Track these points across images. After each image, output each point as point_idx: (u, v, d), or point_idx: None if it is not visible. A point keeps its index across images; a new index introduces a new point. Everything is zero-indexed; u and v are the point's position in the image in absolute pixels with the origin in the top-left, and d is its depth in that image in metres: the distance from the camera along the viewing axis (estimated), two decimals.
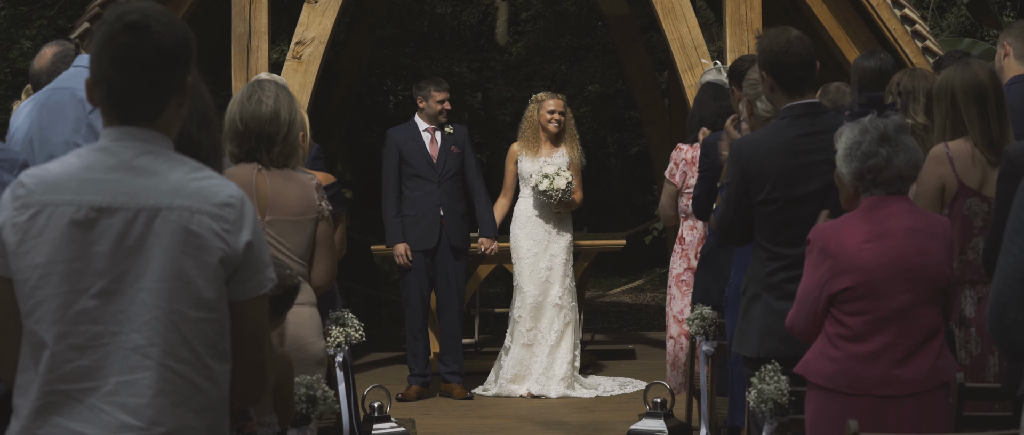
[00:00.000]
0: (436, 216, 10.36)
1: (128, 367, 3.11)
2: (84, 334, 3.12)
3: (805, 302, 4.80)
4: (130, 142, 3.19)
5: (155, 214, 3.13)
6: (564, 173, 10.33)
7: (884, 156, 4.72)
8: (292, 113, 5.49)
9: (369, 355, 12.49)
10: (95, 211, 3.13)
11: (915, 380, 4.72)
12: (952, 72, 5.67)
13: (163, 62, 3.17)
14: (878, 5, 10.04)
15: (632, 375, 11.20)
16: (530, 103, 10.70)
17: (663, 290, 17.94)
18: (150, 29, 3.15)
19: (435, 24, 18.54)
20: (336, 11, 9.93)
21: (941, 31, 17.41)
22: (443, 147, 10.47)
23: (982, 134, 5.59)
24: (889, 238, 4.72)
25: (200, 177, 3.19)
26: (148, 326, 3.11)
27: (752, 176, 5.42)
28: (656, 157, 14.23)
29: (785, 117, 5.48)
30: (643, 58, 14.38)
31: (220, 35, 11.46)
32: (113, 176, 3.16)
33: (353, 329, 6.49)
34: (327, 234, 5.53)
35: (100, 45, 3.17)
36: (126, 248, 3.12)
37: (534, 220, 10.50)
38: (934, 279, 4.76)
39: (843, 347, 4.74)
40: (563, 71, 21.28)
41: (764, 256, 5.44)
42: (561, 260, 10.47)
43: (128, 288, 3.12)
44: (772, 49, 5.47)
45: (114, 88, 3.17)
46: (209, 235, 3.14)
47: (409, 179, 10.42)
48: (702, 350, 7.22)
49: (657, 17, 10.03)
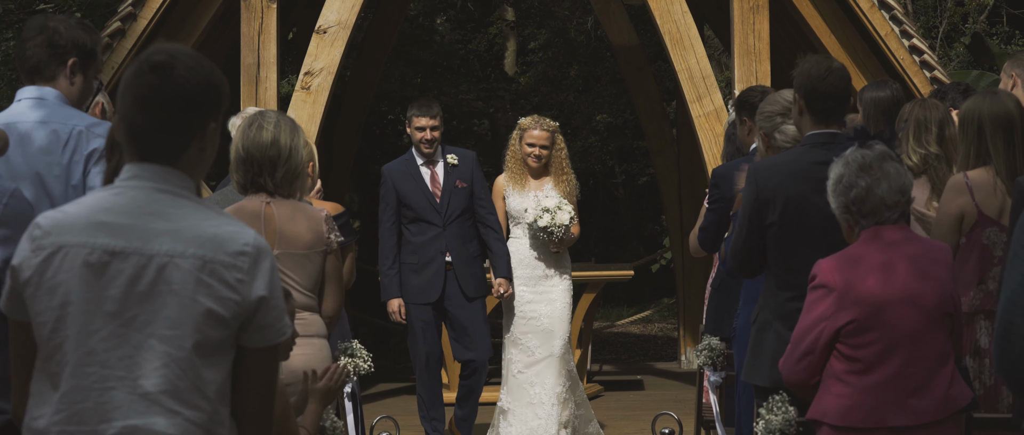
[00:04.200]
0: (441, 264, 9.05)
1: (136, 412, 3.09)
2: (90, 376, 3.11)
3: (801, 341, 4.78)
4: (148, 182, 3.18)
5: (168, 260, 3.12)
6: (566, 206, 9.27)
7: (864, 187, 4.75)
8: (293, 139, 5.51)
9: (378, 385, 12.48)
10: (108, 254, 3.12)
11: (929, 409, 4.70)
12: (980, 101, 5.69)
13: (184, 104, 3.17)
14: (886, 35, 10.04)
15: (640, 406, 11.17)
16: (515, 130, 9.60)
17: (671, 320, 17.91)
18: (174, 71, 3.16)
19: (443, 54, 18.58)
20: (345, 42, 9.95)
21: (949, 61, 17.41)
22: (446, 183, 9.14)
23: (1007, 164, 5.61)
24: (893, 267, 4.73)
25: (215, 223, 3.18)
26: (157, 372, 3.10)
27: (765, 197, 5.44)
28: (664, 187, 14.23)
29: (806, 143, 5.52)
30: (651, 88, 14.39)
31: (229, 66, 11.48)
32: (127, 219, 3.15)
33: (362, 360, 6.49)
34: (336, 267, 5.56)
35: (126, 83, 3.19)
36: (137, 293, 3.11)
37: (530, 262, 9.41)
38: (941, 304, 4.76)
39: (854, 382, 4.72)
40: (571, 101, 21.29)
41: (775, 284, 5.45)
42: (561, 305, 9.41)
43: (137, 333, 3.11)
44: (811, 74, 5.50)
45: (134, 126, 3.18)
46: (220, 285, 3.12)
47: (411, 222, 9.12)
48: (710, 381, 7.20)
49: (665, 47, 10.04)
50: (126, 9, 9.86)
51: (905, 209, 4.86)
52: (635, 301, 19.88)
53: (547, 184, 9.43)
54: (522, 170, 9.44)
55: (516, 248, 9.40)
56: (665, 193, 14.19)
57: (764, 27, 9.84)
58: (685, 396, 11.28)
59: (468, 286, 9.08)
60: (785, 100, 6.06)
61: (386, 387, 12.47)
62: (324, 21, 9.93)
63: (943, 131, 6.02)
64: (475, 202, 9.18)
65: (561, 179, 9.47)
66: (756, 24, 9.85)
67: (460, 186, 9.13)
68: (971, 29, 17.78)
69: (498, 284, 9.20)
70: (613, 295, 19.42)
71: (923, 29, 17.82)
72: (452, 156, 9.20)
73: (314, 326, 5.44)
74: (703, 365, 7.22)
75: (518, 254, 9.39)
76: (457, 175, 9.16)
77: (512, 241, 9.43)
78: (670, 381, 13.01)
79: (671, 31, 9.97)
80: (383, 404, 11.48)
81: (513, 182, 9.44)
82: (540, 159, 9.38)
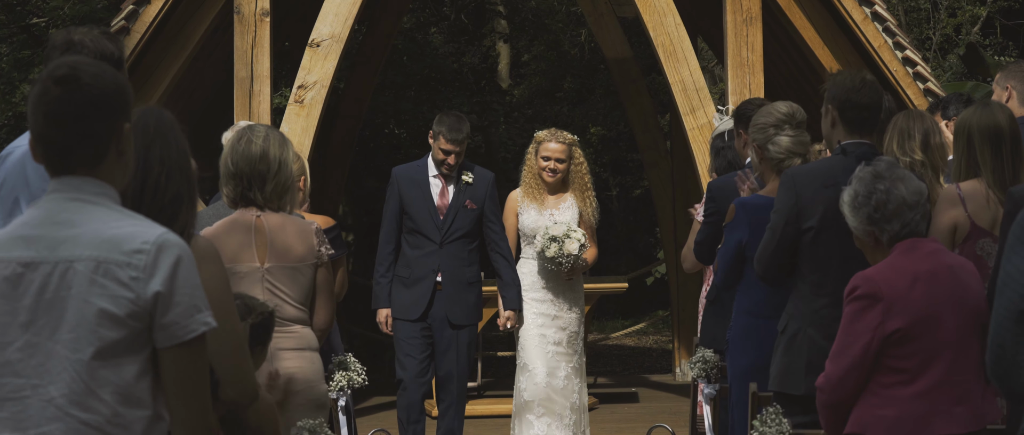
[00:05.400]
0: (430, 283, 8.54)
1: (44, 419, 3.13)
2: (5, 387, 3.16)
3: (848, 352, 4.70)
4: (63, 192, 3.22)
5: (69, 266, 3.15)
6: (575, 234, 8.72)
7: (883, 190, 4.76)
8: (283, 152, 5.51)
9: (371, 399, 12.46)
10: (22, 266, 3.17)
11: (971, 419, 4.69)
12: (970, 113, 5.73)
13: (96, 113, 3.20)
14: (880, 47, 10.05)
15: (634, 418, 11.16)
16: (531, 143, 9.15)
17: (665, 332, 17.90)
18: (80, 81, 3.19)
19: (437, 67, 18.58)
20: (338, 55, 9.94)
21: (943, 72, 17.43)
22: (455, 201, 8.61)
23: (995, 175, 5.62)
24: (937, 276, 4.72)
25: (118, 225, 3.19)
26: (60, 378, 3.13)
27: (805, 202, 5.51)
28: (658, 199, 14.23)
29: (843, 152, 5.60)
30: (645, 100, 14.40)
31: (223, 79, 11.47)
32: (39, 230, 3.19)
33: (355, 373, 6.49)
34: (327, 279, 5.56)
35: (34, 103, 3.21)
36: (45, 301, 3.15)
37: (540, 288, 8.89)
38: (979, 313, 4.75)
39: (898, 393, 4.66)
40: (565, 113, 21.31)
41: (809, 291, 5.50)
42: (570, 334, 8.93)
43: (47, 341, 3.15)
44: (845, 85, 5.62)
45: (51, 142, 3.22)
46: (113, 284, 3.14)
47: (409, 234, 8.63)
48: (704, 393, 7.19)
49: (659, 59, 10.04)
50: (119, 23, 9.85)
51: (926, 212, 4.86)
52: (630, 313, 19.88)
53: (565, 201, 8.94)
54: (538, 185, 8.94)
55: (526, 270, 8.91)
56: (659, 205, 14.19)
57: (757, 39, 9.85)
58: (680, 408, 11.27)
59: (454, 312, 8.54)
60: (778, 112, 6.08)
61: (380, 400, 12.45)
62: (317, 34, 9.93)
63: (928, 139, 6.06)
64: (486, 226, 8.66)
65: (582, 196, 8.98)
66: (749, 36, 9.85)
67: (470, 207, 8.61)
68: (965, 40, 17.81)
69: (505, 317, 8.74)
70: (608, 308, 19.43)
71: (916, 40, 17.85)
72: (468, 175, 8.65)
73: (305, 339, 5.45)
74: (697, 377, 7.21)
75: (529, 276, 8.89)
76: (469, 194, 8.63)
77: (522, 262, 8.95)
78: (664, 393, 13.00)
79: (664, 43, 9.97)
80: (377, 417, 11.46)
81: (529, 198, 8.94)
82: (556, 174, 8.90)
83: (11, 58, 13.85)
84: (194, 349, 3.21)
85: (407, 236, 8.61)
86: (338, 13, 9.93)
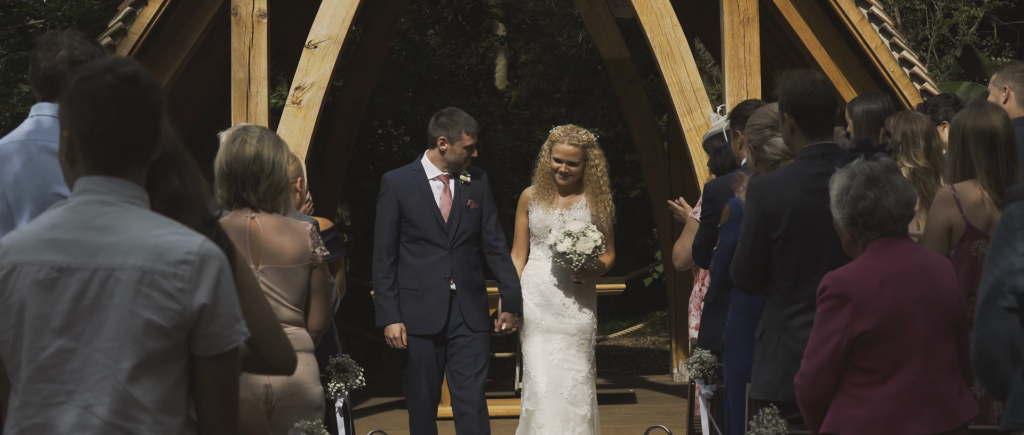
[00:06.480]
0: (445, 291, 8.11)
1: (79, 426, 3.11)
2: (41, 392, 3.13)
3: (816, 354, 4.72)
4: (96, 194, 3.19)
5: (110, 274, 3.12)
6: (593, 234, 8.26)
7: (872, 199, 4.72)
8: (277, 153, 5.51)
9: (369, 400, 12.46)
10: (56, 271, 3.14)
11: (943, 419, 4.69)
12: (965, 114, 5.74)
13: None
14: (876, 48, 10.06)
15: (632, 419, 11.16)
16: (546, 141, 8.59)
17: (663, 333, 17.91)
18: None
19: (434, 68, 18.58)
20: (335, 56, 9.94)
21: (940, 73, 17.44)
22: (457, 202, 8.20)
23: (990, 176, 5.63)
24: (907, 277, 4.70)
25: (159, 234, 3.17)
26: (98, 386, 3.11)
27: (770, 212, 5.44)
28: (655, 200, 14.22)
29: (804, 157, 5.52)
30: (642, 102, 14.40)
31: (219, 80, 11.47)
32: (74, 235, 3.16)
33: (353, 374, 6.48)
34: (322, 281, 5.55)
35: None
36: (83, 308, 3.13)
37: (549, 288, 8.39)
38: (952, 313, 4.75)
39: (870, 394, 4.67)
40: (562, 115, 21.31)
41: (781, 299, 5.45)
42: (578, 341, 8.38)
43: (84, 348, 3.12)
44: (796, 91, 5.51)
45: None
46: (159, 295, 3.12)
47: (412, 242, 8.15)
48: (701, 393, 7.19)
49: (656, 61, 10.04)
50: (116, 24, 9.85)
51: (908, 222, 4.86)
52: (627, 314, 19.89)
53: (577, 203, 8.40)
54: (550, 185, 8.41)
55: (535, 271, 8.44)
56: (657, 206, 14.18)
57: (754, 40, 9.85)
58: (677, 409, 11.28)
59: (472, 317, 8.13)
60: (774, 113, 6.06)
61: (377, 401, 12.45)
62: (315, 36, 9.93)
63: (929, 144, 6.07)
64: (484, 224, 8.28)
65: (597, 199, 8.42)
66: (746, 37, 9.86)
67: (472, 207, 8.22)
68: (962, 41, 17.82)
69: (502, 319, 8.35)
70: (605, 308, 19.43)
71: (913, 41, 17.86)
72: (466, 174, 8.27)
73: (300, 340, 5.44)
74: (694, 378, 7.21)
75: (536, 277, 8.42)
76: (469, 194, 8.24)
77: (531, 263, 8.48)
78: (662, 394, 13.01)
79: (662, 45, 9.97)
80: (374, 419, 11.46)
81: (540, 197, 8.43)
82: (567, 176, 8.34)
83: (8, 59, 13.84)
84: (232, 359, 3.22)
85: (409, 245, 8.15)
86: (335, 14, 9.93)
